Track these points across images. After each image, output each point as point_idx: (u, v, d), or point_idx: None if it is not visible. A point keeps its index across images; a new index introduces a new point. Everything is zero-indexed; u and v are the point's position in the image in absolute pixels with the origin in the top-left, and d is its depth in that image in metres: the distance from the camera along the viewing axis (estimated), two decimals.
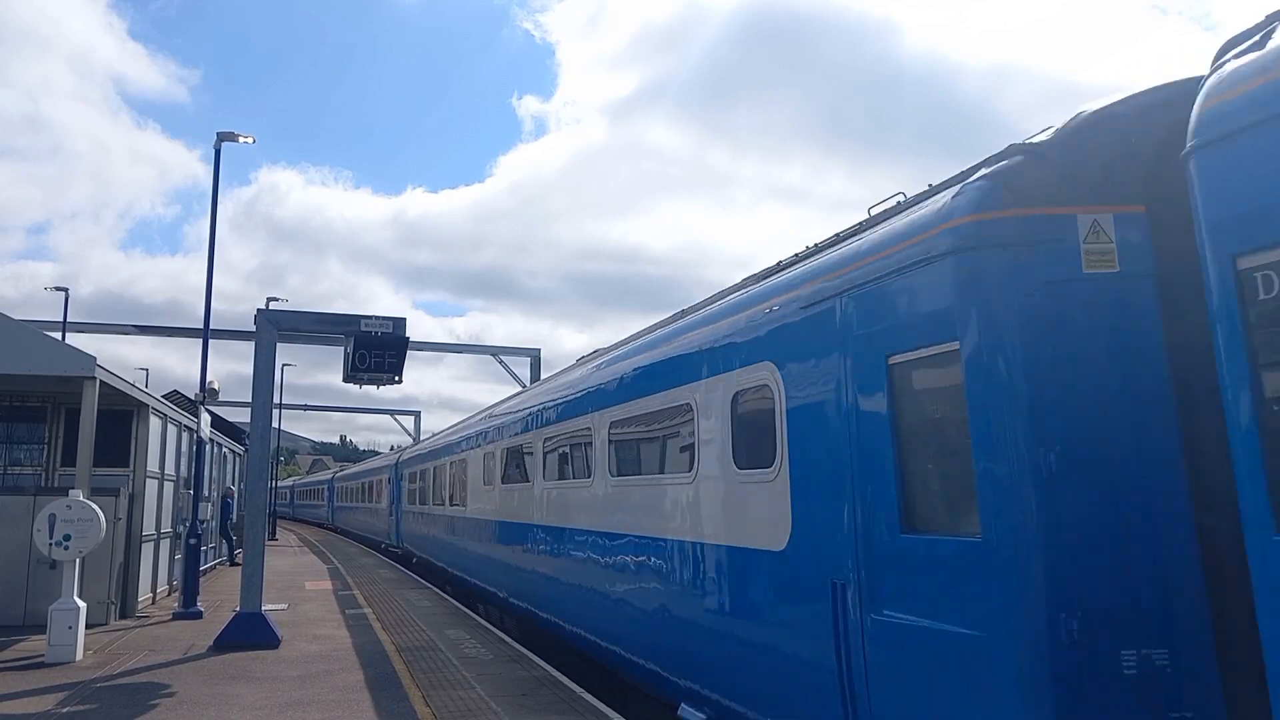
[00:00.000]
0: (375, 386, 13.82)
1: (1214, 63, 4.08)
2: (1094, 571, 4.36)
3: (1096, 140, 4.84)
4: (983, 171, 5.10)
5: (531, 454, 13.23)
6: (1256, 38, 3.92)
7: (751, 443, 6.88)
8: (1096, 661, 4.28)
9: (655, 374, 8.87)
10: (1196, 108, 3.96)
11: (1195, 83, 4.10)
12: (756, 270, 8.21)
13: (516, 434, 14.18)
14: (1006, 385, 4.60)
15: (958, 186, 5.17)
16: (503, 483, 14.99)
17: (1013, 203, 4.79)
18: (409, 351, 13.18)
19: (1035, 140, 5.12)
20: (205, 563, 20.42)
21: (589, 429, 10.58)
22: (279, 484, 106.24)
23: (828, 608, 5.49)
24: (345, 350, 13.16)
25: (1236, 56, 3.94)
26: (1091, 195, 4.73)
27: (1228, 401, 3.68)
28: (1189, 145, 3.91)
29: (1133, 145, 4.70)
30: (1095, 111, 5.02)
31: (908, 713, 4.88)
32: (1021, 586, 4.34)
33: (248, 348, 14.47)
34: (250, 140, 18.35)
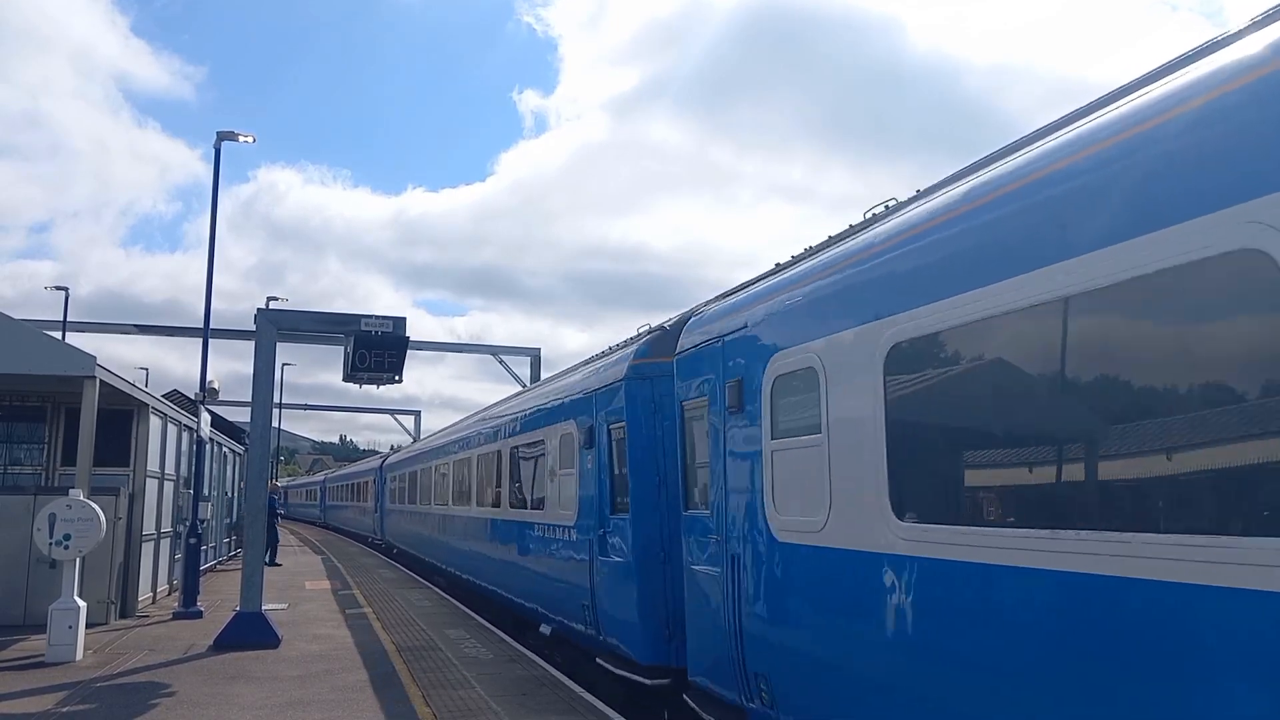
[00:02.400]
0: (375, 386, 13.83)
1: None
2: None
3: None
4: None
5: None
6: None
7: None
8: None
9: None
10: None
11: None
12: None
13: None
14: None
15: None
16: None
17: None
18: (409, 351, 13.18)
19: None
20: (205, 562, 20.42)
21: None
22: (302, 480, 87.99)
23: None
24: (345, 350, 13.16)
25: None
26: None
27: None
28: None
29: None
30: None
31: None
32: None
33: (247, 347, 14.48)
34: (250, 140, 18.36)
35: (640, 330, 11.02)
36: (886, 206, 6.19)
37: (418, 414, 56.70)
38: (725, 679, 7.10)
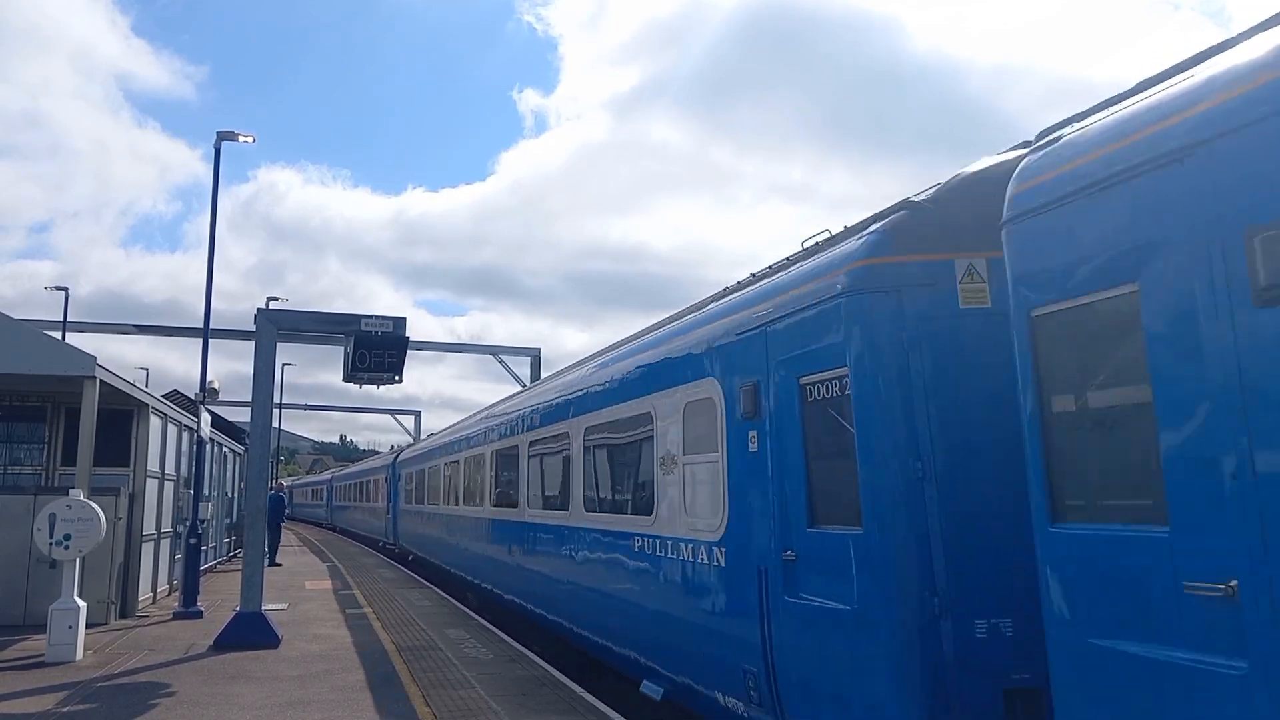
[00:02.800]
0: (375, 386, 13.81)
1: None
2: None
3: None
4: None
5: None
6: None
7: None
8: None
9: None
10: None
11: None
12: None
13: None
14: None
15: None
16: None
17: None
18: (409, 351, 13.17)
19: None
20: (205, 562, 20.42)
21: None
22: (309, 479, 78.46)
23: None
24: (345, 350, 13.15)
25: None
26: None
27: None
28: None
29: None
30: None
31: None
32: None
33: (247, 347, 14.48)
34: (250, 140, 18.34)
35: (811, 239, 6.81)
36: None
37: (418, 414, 56.80)
38: None
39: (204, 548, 18.80)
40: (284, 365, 47.63)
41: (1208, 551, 3.39)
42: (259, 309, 13.61)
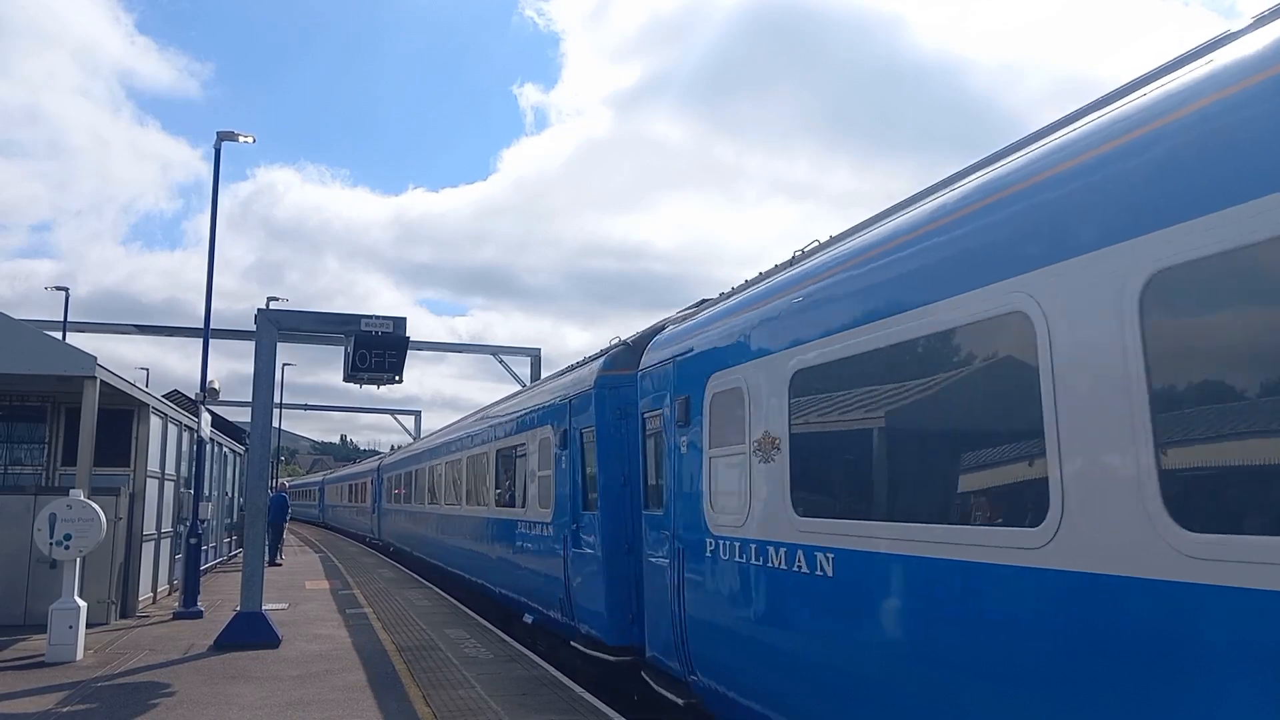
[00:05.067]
0: (376, 386, 13.82)
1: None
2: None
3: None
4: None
5: None
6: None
7: None
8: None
9: None
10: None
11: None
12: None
13: None
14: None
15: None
16: None
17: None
18: (409, 351, 13.18)
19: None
20: (206, 562, 20.42)
21: None
22: (346, 471, 53.75)
23: None
24: (346, 350, 13.16)
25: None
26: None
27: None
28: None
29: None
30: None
31: None
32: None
33: (247, 347, 14.49)
34: (250, 140, 18.34)
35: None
36: None
37: (418, 414, 56.80)
38: None
39: (204, 548, 18.80)
40: (284, 365, 47.66)
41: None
42: (259, 309, 13.62)
